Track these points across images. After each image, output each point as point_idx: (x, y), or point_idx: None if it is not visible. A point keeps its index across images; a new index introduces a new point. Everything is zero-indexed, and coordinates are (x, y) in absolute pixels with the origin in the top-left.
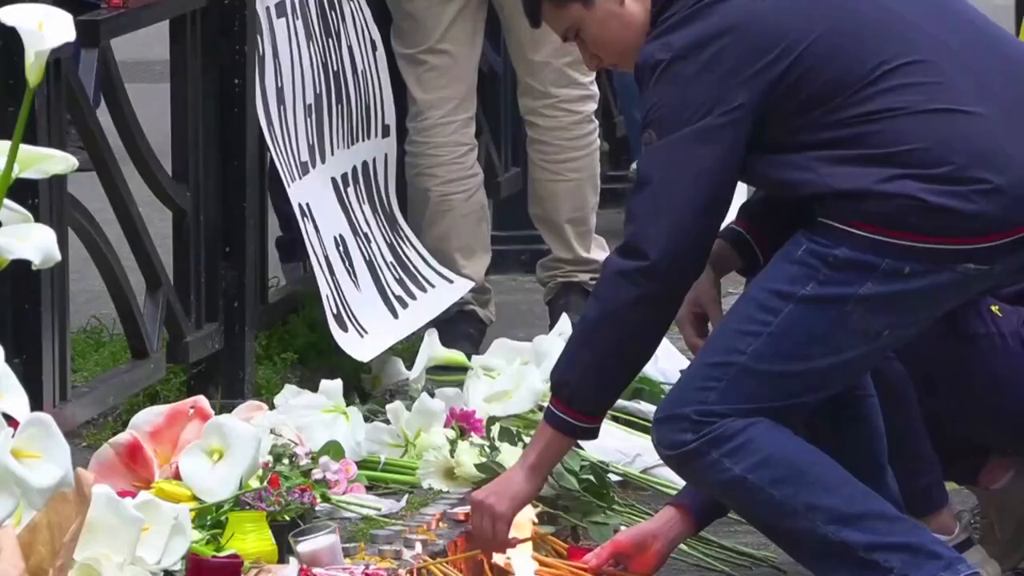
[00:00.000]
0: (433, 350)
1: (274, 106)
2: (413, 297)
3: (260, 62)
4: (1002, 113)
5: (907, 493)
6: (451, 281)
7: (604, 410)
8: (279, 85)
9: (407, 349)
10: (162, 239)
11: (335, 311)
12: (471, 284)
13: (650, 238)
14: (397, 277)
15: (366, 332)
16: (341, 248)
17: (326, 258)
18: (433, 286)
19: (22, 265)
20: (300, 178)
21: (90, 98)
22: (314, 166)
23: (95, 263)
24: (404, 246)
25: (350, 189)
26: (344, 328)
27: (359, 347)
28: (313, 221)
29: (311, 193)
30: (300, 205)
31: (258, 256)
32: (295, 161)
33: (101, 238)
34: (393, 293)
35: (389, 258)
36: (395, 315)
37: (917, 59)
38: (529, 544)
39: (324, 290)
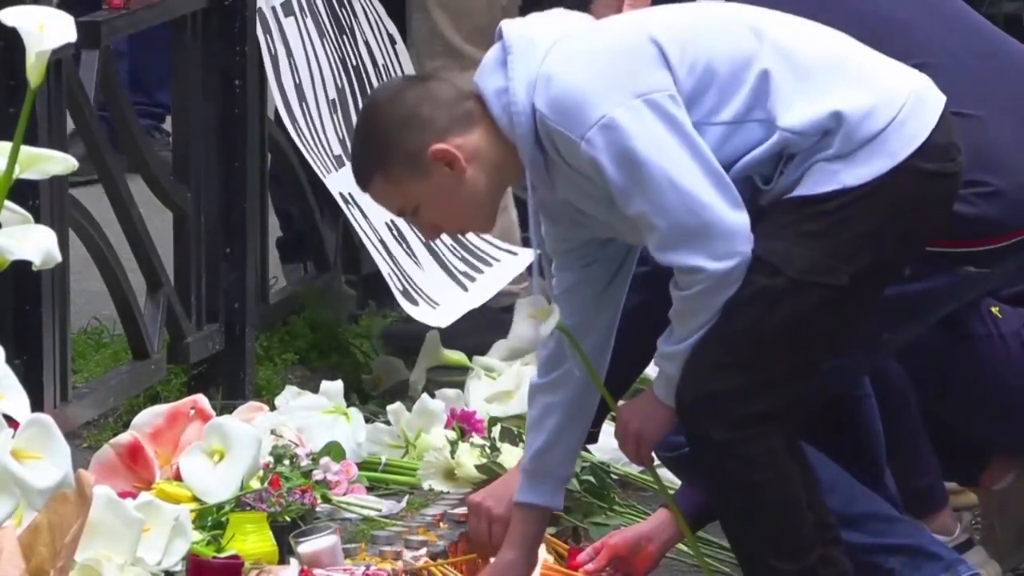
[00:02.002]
0: (434, 352)
1: (295, 103)
2: (480, 271)
3: (274, 61)
4: (1003, 116)
5: (907, 494)
6: (515, 254)
7: (605, 414)
8: (297, 82)
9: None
10: (162, 239)
11: (401, 288)
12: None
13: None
14: (460, 256)
15: (437, 304)
16: (395, 231)
17: (381, 241)
18: (498, 260)
19: (23, 266)
20: (336, 170)
21: (91, 99)
22: (348, 159)
23: (96, 264)
24: None
25: None
26: (414, 302)
27: (435, 316)
28: (359, 208)
29: (352, 183)
30: (342, 195)
31: (259, 257)
32: (327, 155)
33: (102, 239)
34: (459, 270)
35: (448, 240)
36: (465, 289)
37: (918, 63)
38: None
39: (385, 269)
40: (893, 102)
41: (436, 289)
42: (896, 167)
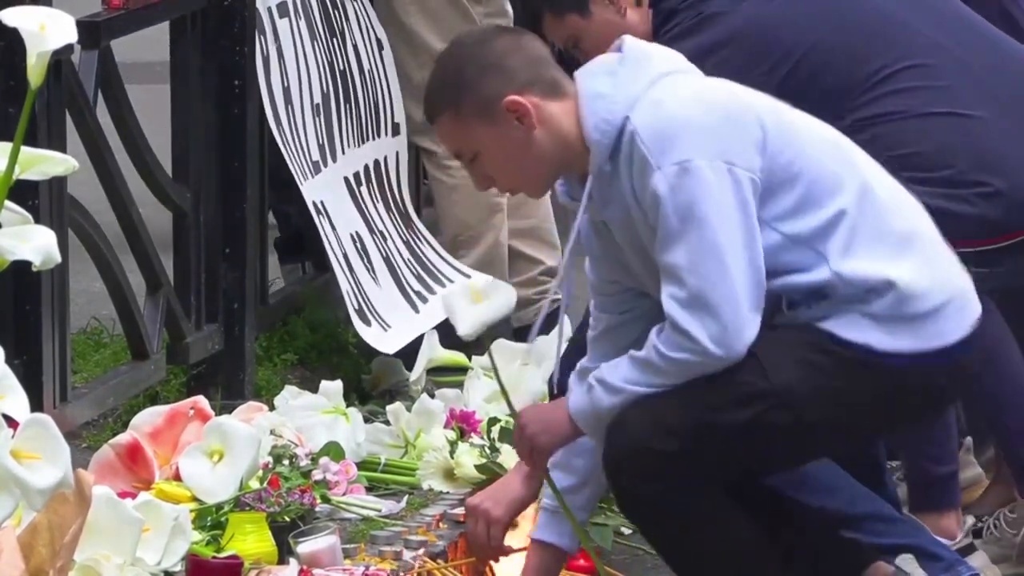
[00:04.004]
0: (433, 351)
1: (282, 106)
2: (432, 292)
3: (265, 62)
4: (1002, 116)
5: (924, 483)
6: (469, 276)
7: None
8: (285, 85)
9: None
10: (162, 240)
11: (356, 306)
12: (489, 279)
13: None
14: (416, 273)
15: (389, 326)
16: (359, 245)
17: (344, 255)
18: (451, 281)
19: (23, 266)
20: (313, 176)
21: (90, 99)
22: (325, 165)
23: (95, 264)
24: (420, 243)
25: (363, 188)
26: (367, 323)
27: (384, 340)
28: (329, 219)
29: (325, 192)
30: (315, 203)
31: (258, 257)
32: (307, 160)
33: (101, 239)
34: (413, 289)
35: (407, 255)
36: (416, 310)
37: (917, 63)
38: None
39: (344, 286)
40: (945, 292)
41: (389, 309)
42: (923, 358)
